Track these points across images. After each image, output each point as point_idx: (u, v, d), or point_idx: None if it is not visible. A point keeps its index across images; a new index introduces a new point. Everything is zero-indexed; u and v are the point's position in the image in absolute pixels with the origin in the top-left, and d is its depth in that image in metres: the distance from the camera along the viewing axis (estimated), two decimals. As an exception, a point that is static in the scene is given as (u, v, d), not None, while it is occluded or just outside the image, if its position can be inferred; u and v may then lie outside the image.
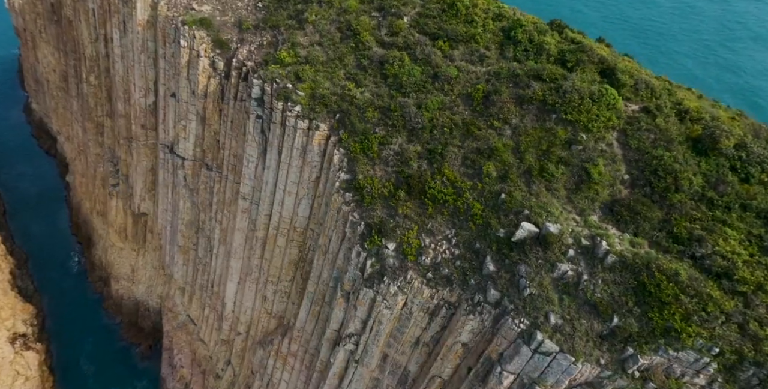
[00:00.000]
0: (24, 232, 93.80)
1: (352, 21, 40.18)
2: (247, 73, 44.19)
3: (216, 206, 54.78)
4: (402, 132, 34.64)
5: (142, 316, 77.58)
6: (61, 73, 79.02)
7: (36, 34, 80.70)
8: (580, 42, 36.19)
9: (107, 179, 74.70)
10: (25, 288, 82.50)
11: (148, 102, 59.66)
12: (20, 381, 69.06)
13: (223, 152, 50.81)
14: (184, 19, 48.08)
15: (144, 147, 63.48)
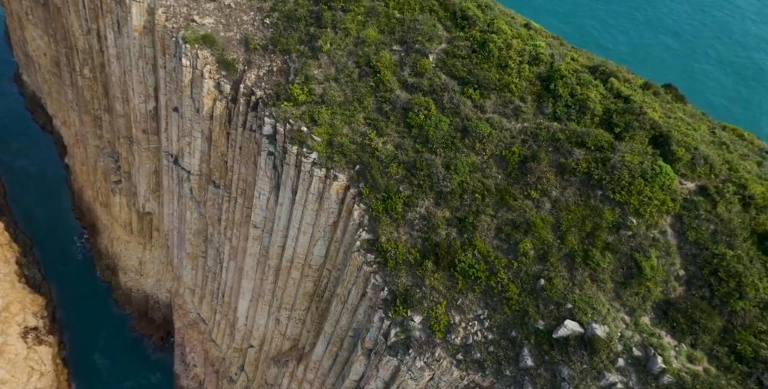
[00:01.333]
0: (26, 215, 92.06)
1: (371, 56, 36.59)
2: (257, 103, 40.98)
3: (225, 223, 52.82)
4: (429, 194, 32.19)
5: (152, 308, 77.33)
6: (53, 59, 74.57)
7: (22, 15, 75.45)
8: (629, 97, 32.75)
9: (108, 173, 72.13)
10: (32, 277, 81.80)
11: (149, 108, 56.32)
12: (35, 377, 69.58)
13: (231, 174, 48.26)
14: (185, 35, 44.14)
15: (146, 150, 60.62)
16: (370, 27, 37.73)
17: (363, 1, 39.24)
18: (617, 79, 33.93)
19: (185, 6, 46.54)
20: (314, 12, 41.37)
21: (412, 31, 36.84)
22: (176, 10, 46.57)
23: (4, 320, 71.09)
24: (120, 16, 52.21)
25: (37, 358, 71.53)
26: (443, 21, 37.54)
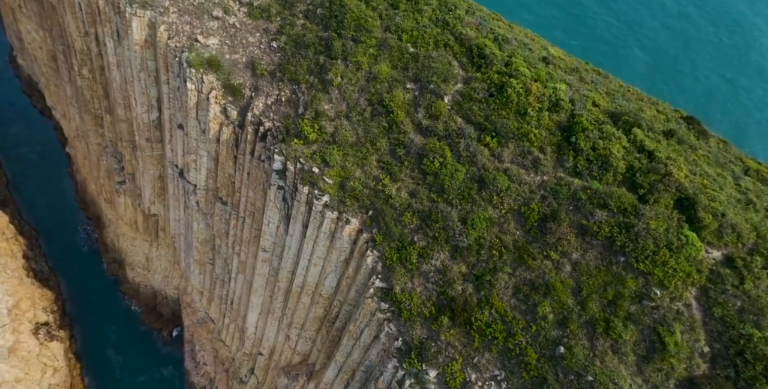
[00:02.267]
0: (30, 204, 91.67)
1: (384, 94, 35.33)
2: (265, 134, 39.91)
3: (233, 238, 52.52)
4: (444, 247, 31.77)
5: (161, 304, 78.04)
6: (49, 53, 72.41)
7: (15, 7, 72.66)
8: (653, 153, 31.60)
9: (112, 172, 71.26)
10: (40, 271, 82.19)
11: (152, 118, 55.09)
12: (49, 374, 70.90)
13: (239, 195, 47.59)
14: (190, 58, 42.57)
15: (150, 157, 59.67)
16: (382, 62, 36.28)
17: (374, 32, 37.59)
18: (640, 128, 32.76)
19: (188, 24, 44.72)
20: (323, 39, 39.73)
21: (426, 69, 35.41)
22: (179, 27, 44.77)
23: (15, 318, 71.79)
24: (119, 26, 50.24)
25: (49, 354, 72.68)
26: (459, 57, 36.03)
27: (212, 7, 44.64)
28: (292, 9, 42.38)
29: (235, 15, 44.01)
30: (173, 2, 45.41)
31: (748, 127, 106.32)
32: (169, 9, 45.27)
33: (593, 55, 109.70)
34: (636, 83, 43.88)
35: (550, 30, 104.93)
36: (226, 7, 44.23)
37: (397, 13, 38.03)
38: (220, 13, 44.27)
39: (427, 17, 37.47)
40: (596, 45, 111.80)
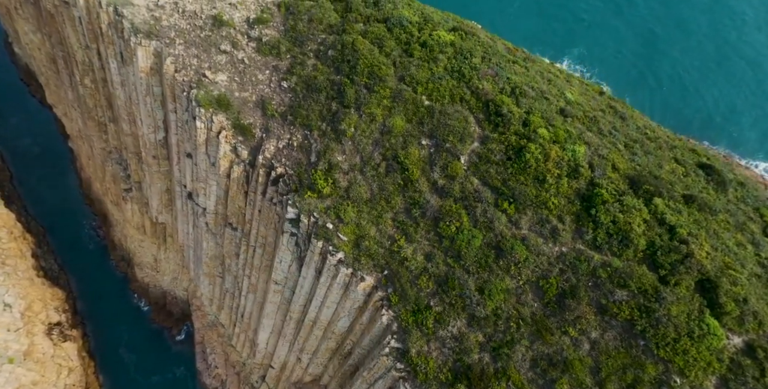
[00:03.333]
0: (35, 199, 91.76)
1: (399, 150, 34.81)
2: (277, 179, 39.51)
3: (244, 261, 52.76)
4: (461, 314, 32.08)
5: (171, 303, 79.15)
6: (48, 56, 70.66)
7: (10, 8, 70.35)
8: (674, 228, 31.26)
9: (117, 178, 70.87)
10: (49, 269, 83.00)
11: (158, 137, 54.37)
12: (64, 374, 72.71)
13: (250, 227, 47.51)
14: (198, 96, 41.71)
15: (157, 173, 59.28)
16: (397, 115, 35.55)
17: (388, 82, 36.63)
18: (661, 197, 32.32)
19: (195, 57, 43.55)
20: (335, 83, 38.76)
21: (442, 126, 34.73)
22: (186, 61, 43.60)
23: (28, 320, 73.01)
24: (123, 50, 48.91)
25: (63, 355, 74.31)
26: (475, 112, 35.27)
27: (220, 40, 43.32)
28: (302, 47, 41.16)
29: (243, 50, 42.77)
30: (179, 34, 44.06)
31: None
32: (175, 40, 43.97)
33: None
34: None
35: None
36: (234, 41, 42.93)
37: (412, 62, 36.96)
38: (228, 47, 43.01)
39: (442, 67, 36.45)
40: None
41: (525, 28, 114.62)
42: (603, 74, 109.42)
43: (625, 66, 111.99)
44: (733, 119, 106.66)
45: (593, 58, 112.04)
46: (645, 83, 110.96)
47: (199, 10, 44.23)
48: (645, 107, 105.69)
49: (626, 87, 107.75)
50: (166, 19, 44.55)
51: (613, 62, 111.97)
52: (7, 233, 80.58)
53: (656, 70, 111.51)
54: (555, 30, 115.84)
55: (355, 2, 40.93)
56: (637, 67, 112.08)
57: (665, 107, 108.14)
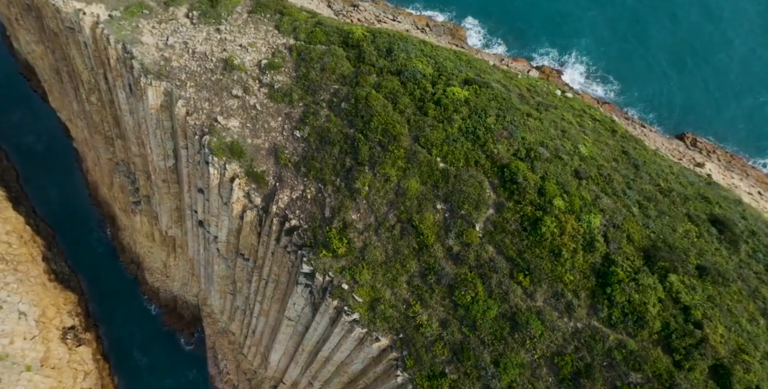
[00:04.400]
0: (43, 199, 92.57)
1: (413, 214, 35.32)
2: (291, 230, 40.15)
3: (256, 288, 53.89)
4: (476, 384, 33.30)
5: (181, 307, 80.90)
6: (51, 67, 69.99)
7: (11, 18, 69.16)
8: (688, 309, 31.97)
9: (126, 189, 71.37)
10: (60, 272, 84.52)
11: (168, 164, 54.59)
12: (80, 378, 75.24)
13: (262, 263, 48.36)
14: (211, 143, 41.98)
15: (167, 194, 59.78)
16: (411, 177, 35.92)
17: (402, 141, 36.81)
18: (676, 273, 32.95)
19: (207, 101, 43.49)
20: (348, 137, 38.91)
21: (457, 192, 35.15)
22: (197, 104, 43.59)
23: (43, 327, 74.98)
24: (132, 82, 48.62)
25: (79, 359, 76.65)
26: (490, 176, 35.60)
27: (231, 84, 43.13)
28: (315, 96, 41.07)
29: (255, 95, 42.65)
30: (190, 76, 43.84)
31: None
32: (186, 83, 43.81)
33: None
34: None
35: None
36: (246, 87, 42.76)
37: (426, 121, 37.03)
38: (240, 91, 42.87)
39: (456, 127, 36.55)
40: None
41: (532, 16, 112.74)
42: (611, 67, 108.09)
43: (632, 58, 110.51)
44: (742, 115, 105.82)
45: (600, 50, 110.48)
46: (653, 76, 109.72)
47: (210, 52, 43.85)
48: (652, 102, 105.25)
49: (634, 80, 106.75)
50: (176, 60, 44.21)
51: (621, 54, 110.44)
52: (17, 237, 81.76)
53: (664, 63, 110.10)
54: (562, 19, 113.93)
55: (368, 51, 40.59)
56: (645, 59, 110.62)
57: (671, 101, 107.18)
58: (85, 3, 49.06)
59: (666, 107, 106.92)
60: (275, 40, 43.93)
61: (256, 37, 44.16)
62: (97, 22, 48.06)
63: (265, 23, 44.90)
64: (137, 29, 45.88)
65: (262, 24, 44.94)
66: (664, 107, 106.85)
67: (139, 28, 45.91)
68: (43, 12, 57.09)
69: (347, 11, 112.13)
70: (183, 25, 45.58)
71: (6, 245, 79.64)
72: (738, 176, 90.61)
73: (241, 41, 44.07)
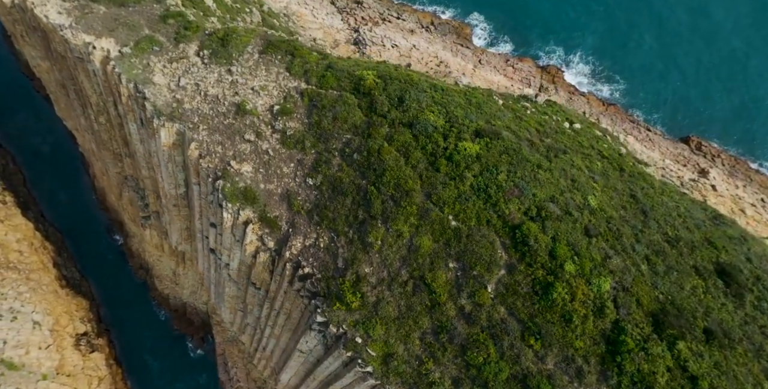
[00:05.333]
0: (51, 203, 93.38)
1: (426, 272, 36.29)
2: (304, 276, 41.20)
3: (267, 314, 55.26)
4: (489, 444, 34.65)
5: (191, 313, 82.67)
6: (58, 82, 69.85)
7: (16, 34, 68.74)
8: (696, 379, 33.06)
9: (135, 203, 72.20)
10: (71, 277, 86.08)
11: (179, 192, 55.35)
12: (95, 384, 77.65)
13: (274, 295, 49.53)
14: (225, 189, 42.73)
15: (177, 216, 60.71)
16: (424, 234, 36.81)
17: (414, 197, 37.56)
18: (684, 340, 34.01)
19: (219, 144, 44.01)
20: (360, 188, 39.64)
21: (469, 252, 36.08)
22: (210, 147, 44.14)
23: (57, 335, 76.89)
24: (143, 117, 48.99)
25: (92, 365, 78.88)
26: (502, 236, 36.44)
27: (244, 128, 43.56)
28: (327, 144, 41.58)
29: (267, 140, 43.13)
30: (202, 119, 44.23)
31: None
32: (198, 126, 44.24)
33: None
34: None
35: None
36: (258, 132, 43.21)
37: (438, 178, 37.68)
38: (252, 136, 43.34)
39: (468, 185, 37.23)
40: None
41: (537, 14, 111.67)
42: (617, 67, 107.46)
43: (639, 57, 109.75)
44: (747, 116, 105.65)
45: (606, 49, 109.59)
46: (659, 75, 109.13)
47: (222, 95, 44.12)
48: (658, 102, 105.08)
49: (640, 79, 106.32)
50: (189, 102, 44.52)
51: (627, 53, 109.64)
52: (27, 245, 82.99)
53: (671, 62, 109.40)
54: (567, 16, 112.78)
55: (380, 100, 40.90)
56: (652, 58, 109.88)
57: (677, 101, 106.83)
58: (94, 36, 49.05)
59: (672, 107, 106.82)
60: (287, 84, 44.14)
61: (268, 80, 44.36)
62: (108, 57, 48.17)
63: (276, 65, 45.01)
64: (148, 68, 46.01)
65: (273, 66, 45.06)
66: (669, 108, 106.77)
67: (151, 67, 46.04)
68: (50, 36, 56.94)
69: (351, 9, 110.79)
70: (194, 64, 45.71)
71: (17, 253, 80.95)
72: (741, 182, 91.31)
73: (253, 84, 44.28)
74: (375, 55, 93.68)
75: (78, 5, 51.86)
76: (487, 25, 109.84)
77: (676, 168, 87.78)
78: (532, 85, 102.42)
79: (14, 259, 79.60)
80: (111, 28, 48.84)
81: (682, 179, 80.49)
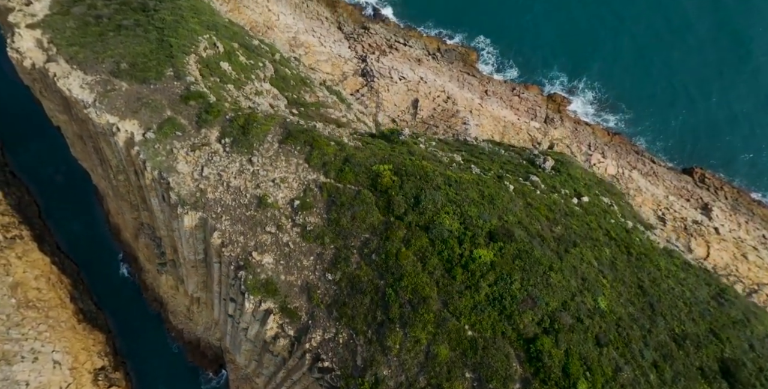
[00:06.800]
0: (65, 234, 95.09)
1: (443, 382, 38.31)
2: (323, 370, 43.17)
3: (283, 378, 57.38)
4: None
5: (204, 347, 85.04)
6: (75, 134, 71.06)
7: (34, 89, 69.79)
8: None
9: (151, 248, 74.01)
10: (88, 310, 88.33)
11: (198, 258, 57.13)
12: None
13: (291, 369, 51.60)
14: (248, 281, 44.46)
15: (195, 274, 62.58)
16: (441, 343, 38.74)
17: (431, 305, 39.41)
18: None
19: (241, 234, 45.70)
20: (379, 289, 41.47)
21: (485, 365, 38.03)
22: (232, 237, 45.84)
23: (76, 373, 79.44)
24: (165, 194, 50.50)
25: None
26: (516, 349, 38.33)
27: (265, 220, 45.17)
28: (346, 241, 43.24)
29: (288, 233, 44.78)
30: (225, 210, 45.82)
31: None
32: (221, 216, 45.87)
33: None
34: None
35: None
36: (279, 224, 44.84)
37: (454, 287, 39.48)
38: (273, 228, 44.96)
39: (483, 295, 39.01)
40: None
41: (542, 38, 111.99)
42: (622, 94, 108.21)
43: (643, 84, 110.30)
44: (753, 145, 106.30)
45: (612, 75, 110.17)
46: (665, 104, 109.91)
47: (243, 187, 45.65)
48: (664, 132, 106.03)
49: (645, 108, 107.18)
50: (212, 193, 46.09)
51: (632, 81, 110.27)
52: (45, 281, 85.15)
53: (677, 91, 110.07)
54: (572, 42, 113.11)
55: (397, 201, 42.46)
56: (658, 86, 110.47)
57: (683, 131, 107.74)
58: (118, 118, 50.39)
59: (677, 135, 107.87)
60: (306, 176, 45.64)
61: (288, 172, 45.86)
62: (132, 140, 49.54)
63: (295, 156, 46.47)
64: (172, 155, 47.46)
65: (293, 156, 46.51)
66: (674, 136, 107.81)
67: (174, 154, 47.48)
68: (72, 104, 58.16)
69: (358, 35, 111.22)
70: (216, 152, 47.14)
71: (36, 291, 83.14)
72: (744, 217, 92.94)
73: (274, 176, 45.78)
74: (383, 90, 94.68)
75: (100, 80, 53.05)
76: (493, 49, 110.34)
77: (679, 206, 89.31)
78: (537, 116, 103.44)
79: (33, 297, 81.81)
80: (134, 109, 50.11)
81: (685, 223, 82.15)
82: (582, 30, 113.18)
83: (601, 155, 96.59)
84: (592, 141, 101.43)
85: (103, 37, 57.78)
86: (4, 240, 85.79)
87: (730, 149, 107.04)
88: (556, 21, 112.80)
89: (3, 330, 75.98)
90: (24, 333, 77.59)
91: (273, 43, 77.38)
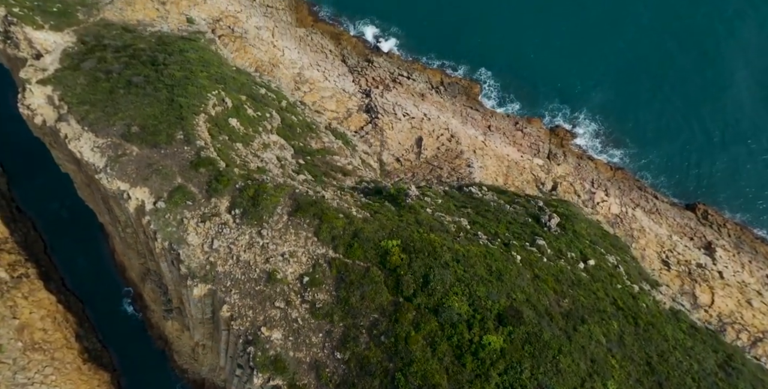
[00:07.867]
0: (71, 270, 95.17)
1: None
2: (334, 448, 43.35)
3: (290, 434, 57.54)
4: None
5: (209, 387, 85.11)
6: (84, 182, 71.25)
7: (44, 140, 70.01)
8: None
9: (157, 295, 74.19)
10: (93, 349, 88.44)
11: (206, 317, 57.22)
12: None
13: (300, 434, 51.74)
14: (257, 358, 44.61)
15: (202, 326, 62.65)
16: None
17: None
18: None
19: (250, 308, 45.88)
20: (389, 372, 41.61)
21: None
22: (241, 311, 46.01)
23: (82, 414, 79.41)
24: (173, 259, 50.66)
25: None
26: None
27: (274, 295, 45.35)
28: (355, 320, 43.39)
29: (297, 309, 44.94)
30: (234, 283, 46.01)
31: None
32: (231, 290, 46.07)
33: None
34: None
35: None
36: (288, 300, 45.00)
37: (464, 375, 39.57)
38: (282, 304, 45.13)
39: (494, 384, 39.11)
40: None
41: (543, 69, 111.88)
42: (625, 127, 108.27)
43: (646, 117, 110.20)
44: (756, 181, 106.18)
45: (614, 107, 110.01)
46: (667, 138, 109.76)
47: (253, 261, 45.81)
48: (667, 167, 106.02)
49: (647, 142, 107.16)
50: (221, 266, 46.24)
51: (635, 113, 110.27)
52: (51, 321, 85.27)
53: (681, 124, 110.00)
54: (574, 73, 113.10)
55: (406, 280, 42.63)
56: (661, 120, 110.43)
57: (687, 166, 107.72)
58: (129, 184, 50.56)
59: (680, 170, 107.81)
60: (315, 250, 45.80)
61: (297, 245, 46.02)
62: (142, 208, 49.69)
63: (304, 229, 46.64)
64: (182, 226, 47.64)
65: (302, 229, 46.68)
66: (678, 172, 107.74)
67: (184, 225, 47.65)
68: (82, 163, 58.37)
69: (362, 68, 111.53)
70: (226, 223, 47.31)
71: (42, 331, 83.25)
72: (747, 256, 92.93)
73: (283, 249, 45.94)
74: (387, 127, 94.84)
75: (111, 144, 53.25)
76: (495, 82, 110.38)
77: (683, 246, 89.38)
78: (540, 152, 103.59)
79: (39, 339, 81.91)
80: (145, 176, 50.30)
81: (690, 267, 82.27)
82: (582, 62, 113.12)
83: (604, 192, 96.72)
84: (595, 177, 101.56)
85: (114, 94, 57.97)
86: (11, 280, 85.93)
87: (734, 184, 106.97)
88: (558, 53, 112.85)
89: (9, 375, 76.09)
90: (30, 377, 77.71)
91: (279, 89, 77.65)
